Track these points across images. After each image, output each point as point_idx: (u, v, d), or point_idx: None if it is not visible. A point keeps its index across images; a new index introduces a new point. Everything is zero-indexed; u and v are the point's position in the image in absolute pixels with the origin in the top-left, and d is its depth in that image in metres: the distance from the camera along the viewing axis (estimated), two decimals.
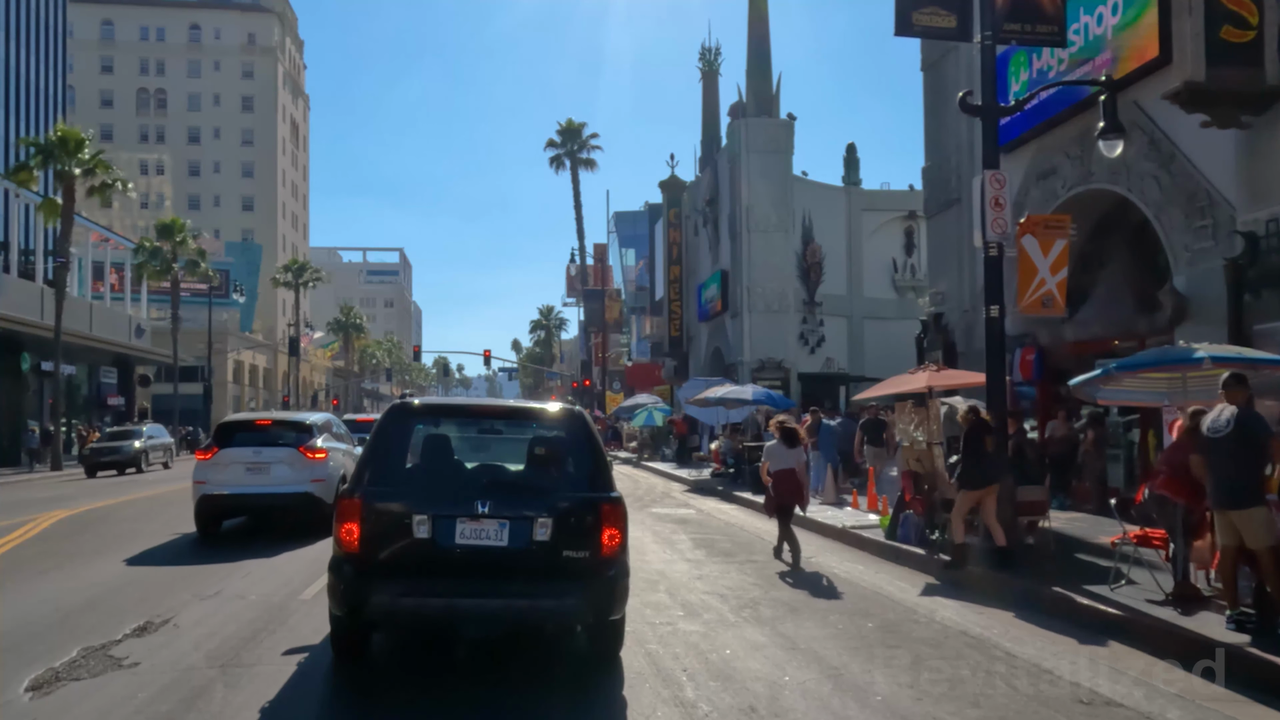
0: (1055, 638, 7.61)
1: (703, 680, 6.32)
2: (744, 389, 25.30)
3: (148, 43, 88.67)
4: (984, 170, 10.85)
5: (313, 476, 13.41)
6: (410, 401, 7.12)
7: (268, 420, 15.69)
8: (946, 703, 5.91)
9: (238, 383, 69.00)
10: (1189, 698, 6.00)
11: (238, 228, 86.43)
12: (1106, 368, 9.48)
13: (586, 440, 6.74)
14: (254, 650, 6.95)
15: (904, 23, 11.35)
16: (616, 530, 6.28)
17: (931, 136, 22.74)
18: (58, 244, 35.18)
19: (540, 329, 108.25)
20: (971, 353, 19.64)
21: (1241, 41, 12.13)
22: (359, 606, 6.10)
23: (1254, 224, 12.76)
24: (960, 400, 14.23)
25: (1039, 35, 11.66)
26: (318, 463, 13.56)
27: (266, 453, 13.41)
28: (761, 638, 7.53)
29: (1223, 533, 7.41)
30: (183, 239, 47.35)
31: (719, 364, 39.17)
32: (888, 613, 8.62)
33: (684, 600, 9.07)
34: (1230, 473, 7.24)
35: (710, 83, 45.63)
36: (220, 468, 13.21)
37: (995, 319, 10.81)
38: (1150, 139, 14.80)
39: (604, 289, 62.83)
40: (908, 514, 12.30)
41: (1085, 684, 6.29)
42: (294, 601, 8.70)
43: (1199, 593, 8.16)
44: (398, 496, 6.29)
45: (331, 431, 14.87)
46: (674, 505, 19.20)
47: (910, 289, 37.51)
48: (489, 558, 6.12)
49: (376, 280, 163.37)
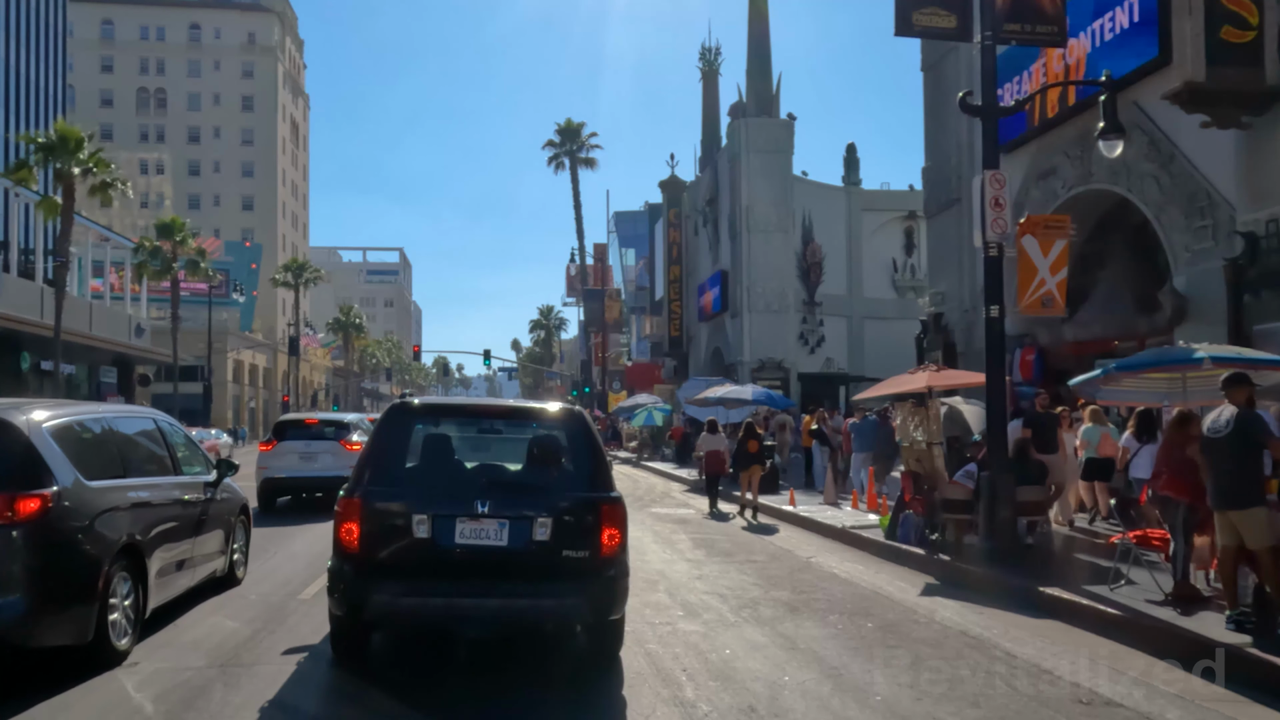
0: (1055, 638, 7.61)
1: (702, 680, 6.32)
2: (744, 389, 25.30)
3: (148, 42, 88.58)
4: (984, 170, 10.85)
5: (350, 464, 14.97)
6: (410, 401, 7.11)
7: (315, 419, 19.41)
8: (946, 703, 5.90)
9: (237, 382, 68.96)
10: (1189, 698, 6.00)
11: (237, 227, 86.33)
12: (1106, 368, 9.49)
13: (586, 440, 6.73)
14: (253, 650, 6.95)
15: (904, 23, 11.35)
16: (616, 530, 6.28)
17: (931, 137, 22.76)
18: (57, 243, 35.13)
19: (540, 329, 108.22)
20: (971, 353, 19.65)
21: (1242, 42, 12.15)
22: (359, 606, 6.10)
23: (1254, 224, 12.77)
24: (960, 400, 14.26)
25: (1039, 35, 11.65)
26: (355, 453, 15.07)
27: (315, 445, 16.88)
28: (761, 638, 7.53)
29: (1222, 533, 7.41)
30: (183, 238, 47.32)
31: (719, 364, 39.17)
32: (887, 613, 8.62)
33: (684, 600, 9.07)
34: (1230, 473, 7.23)
35: (710, 83, 45.65)
36: (279, 456, 16.73)
37: (995, 319, 10.81)
38: (1150, 139, 14.81)
39: (604, 289, 62.78)
40: (907, 514, 12.28)
41: (1085, 684, 6.29)
42: (293, 601, 8.70)
43: (1199, 593, 8.15)
44: (398, 496, 6.28)
45: (363, 429, 18.06)
46: (674, 505, 19.20)
47: (910, 289, 37.52)
48: (489, 557, 6.12)
49: (376, 280, 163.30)
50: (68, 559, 6.14)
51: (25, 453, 6.12)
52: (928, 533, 11.85)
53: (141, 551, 6.89)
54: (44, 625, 5.94)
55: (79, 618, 6.07)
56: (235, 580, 9.34)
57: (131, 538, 6.75)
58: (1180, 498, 8.10)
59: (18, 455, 6.09)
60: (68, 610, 6.05)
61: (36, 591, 5.86)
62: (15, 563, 5.80)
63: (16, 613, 5.75)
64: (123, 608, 6.58)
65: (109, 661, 6.31)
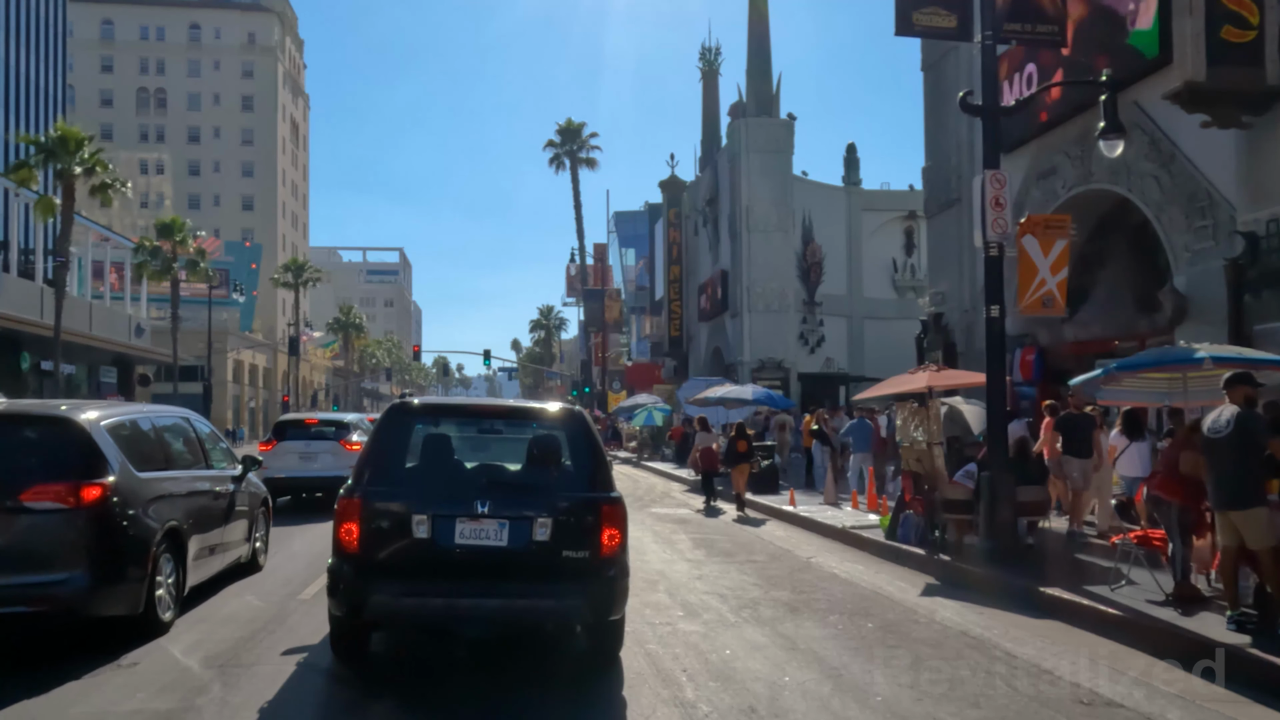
0: (1055, 638, 7.60)
1: (702, 681, 6.31)
2: (744, 389, 25.30)
3: (148, 42, 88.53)
4: (984, 170, 10.83)
5: (350, 464, 15.15)
6: (410, 401, 7.10)
7: (314, 419, 19.33)
8: (947, 703, 5.90)
9: (237, 382, 68.92)
10: (1189, 698, 5.99)
11: (237, 227, 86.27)
12: (1108, 368, 9.48)
13: (586, 440, 6.71)
14: (253, 650, 6.94)
15: (904, 22, 11.33)
16: (616, 530, 6.27)
17: (931, 137, 22.75)
18: (57, 243, 35.12)
19: (540, 329, 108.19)
20: (971, 353, 19.64)
21: (1242, 41, 12.13)
22: (359, 607, 6.09)
23: (1254, 224, 12.75)
24: (960, 400, 14.25)
25: (1039, 35, 11.66)
26: (355, 453, 15.55)
27: (315, 445, 16.92)
28: (761, 638, 7.52)
29: (1223, 533, 7.40)
30: (182, 238, 47.29)
31: (719, 364, 39.16)
32: (888, 613, 8.61)
33: (684, 600, 9.06)
34: (1230, 473, 7.22)
35: (710, 83, 45.64)
36: (279, 456, 16.50)
37: (996, 319, 10.80)
38: (1151, 139, 14.80)
39: (604, 289, 62.74)
40: (908, 514, 12.28)
41: (1085, 684, 6.28)
42: (293, 601, 8.69)
43: (1199, 593, 8.15)
44: (397, 496, 6.26)
45: (363, 429, 17.96)
46: (674, 505, 19.19)
47: (910, 289, 37.52)
48: (489, 558, 6.11)
49: (376, 280, 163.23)
50: (122, 539, 6.92)
51: (87, 447, 6.94)
52: (929, 534, 11.84)
53: (182, 536, 7.73)
54: (103, 596, 6.75)
55: (131, 591, 6.90)
56: (257, 566, 10.17)
57: (173, 523, 7.57)
58: (1172, 499, 8.10)
59: (80, 449, 6.92)
60: (122, 584, 6.86)
61: (97, 567, 6.67)
62: (79, 542, 6.62)
63: (81, 585, 6.57)
64: (167, 585, 7.43)
65: (156, 631, 7.15)
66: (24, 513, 6.52)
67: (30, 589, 6.42)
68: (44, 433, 7.14)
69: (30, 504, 6.52)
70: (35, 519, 6.55)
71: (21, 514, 6.52)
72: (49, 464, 6.79)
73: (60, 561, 6.52)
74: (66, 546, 6.55)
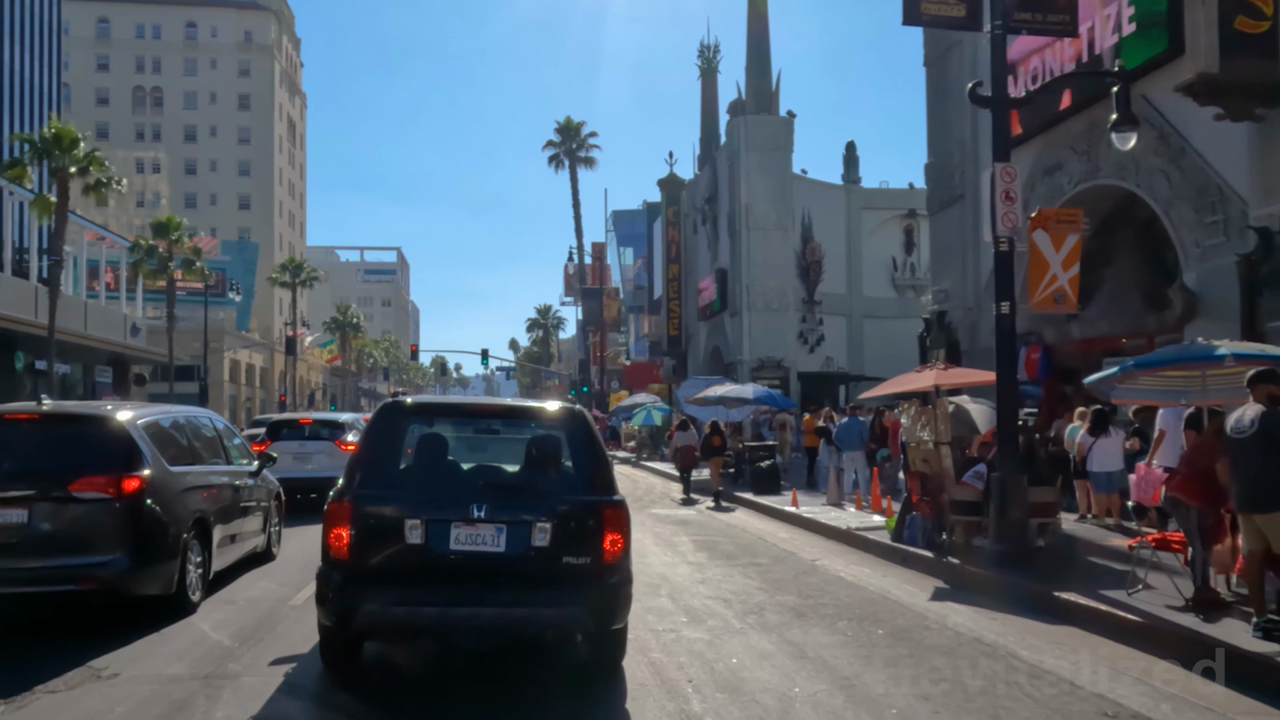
0: (1072, 645, 7.34)
1: (709, 692, 6.04)
2: (744, 388, 25.01)
3: (144, 40, 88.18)
4: (995, 163, 10.56)
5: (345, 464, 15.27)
6: (403, 400, 6.82)
7: (309, 419, 19.22)
8: (965, 715, 5.64)
9: (234, 382, 68.57)
10: (1218, 710, 5.74)
11: (234, 226, 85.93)
12: (1124, 365, 9.21)
13: (587, 440, 6.42)
14: (240, 659, 6.66)
15: (912, 12, 11.06)
16: (619, 535, 5.99)
17: (934, 132, 22.49)
18: (52, 242, 34.80)
19: (538, 328, 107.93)
20: (975, 351, 19.39)
21: (1256, 32, 11.88)
22: (348, 616, 5.80)
23: (1267, 219, 12.50)
24: (967, 399, 13.99)
25: (1050, 25, 11.40)
26: (349, 453, 15.05)
27: (309, 445, 16.82)
28: (769, 645, 7.25)
29: (1248, 536, 7.14)
30: (179, 237, 46.99)
31: (718, 363, 38.92)
32: (897, 618, 8.34)
33: (687, 605, 8.79)
34: (1255, 474, 6.96)
35: (709, 80, 45.41)
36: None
37: (1006, 315, 10.52)
38: (1160, 133, 14.54)
39: (602, 288, 62.51)
40: (914, 515, 12.02)
41: (1109, 695, 6.02)
42: (284, 607, 8.41)
43: (1220, 598, 7.89)
44: (389, 500, 5.97)
45: (358, 429, 17.64)
46: (674, 505, 18.97)
47: (910, 287, 37.34)
48: (485, 564, 5.83)
49: (374, 279, 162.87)
50: (157, 526, 7.65)
51: (126, 443, 7.69)
52: (936, 536, 11.58)
53: (208, 524, 8.55)
54: (140, 577, 7.50)
55: (165, 573, 7.67)
56: (271, 556, 10.90)
57: (201, 513, 8.40)
58: (1191, 501, 7.86)
59: (120, 445, 7.66)
60: (157, 566, 7.61)
61: (135, 551, 7.40)
62: (120, 528, 7.34)
63: (122, 567, 7.31)
64: (195, 568, 8.19)
65: (186, 610, 7.89)
66: (73, 502, 7.26)
67: (78, 569, 7.17)
68: (87, 430, 7.88)
69: (78, 494, 7.25)
70: (82, 507, 7.28)
71: (70, 503, 7.26)
72: (93, 458, 7.49)
73: (103, 545, 7.24)
74: (109, 532, 7.27)
